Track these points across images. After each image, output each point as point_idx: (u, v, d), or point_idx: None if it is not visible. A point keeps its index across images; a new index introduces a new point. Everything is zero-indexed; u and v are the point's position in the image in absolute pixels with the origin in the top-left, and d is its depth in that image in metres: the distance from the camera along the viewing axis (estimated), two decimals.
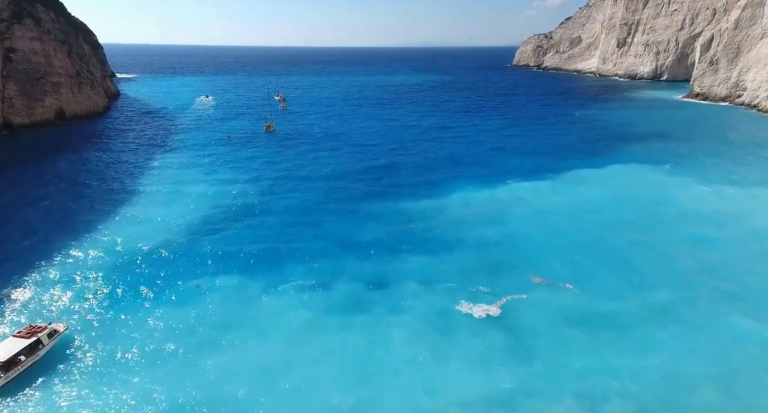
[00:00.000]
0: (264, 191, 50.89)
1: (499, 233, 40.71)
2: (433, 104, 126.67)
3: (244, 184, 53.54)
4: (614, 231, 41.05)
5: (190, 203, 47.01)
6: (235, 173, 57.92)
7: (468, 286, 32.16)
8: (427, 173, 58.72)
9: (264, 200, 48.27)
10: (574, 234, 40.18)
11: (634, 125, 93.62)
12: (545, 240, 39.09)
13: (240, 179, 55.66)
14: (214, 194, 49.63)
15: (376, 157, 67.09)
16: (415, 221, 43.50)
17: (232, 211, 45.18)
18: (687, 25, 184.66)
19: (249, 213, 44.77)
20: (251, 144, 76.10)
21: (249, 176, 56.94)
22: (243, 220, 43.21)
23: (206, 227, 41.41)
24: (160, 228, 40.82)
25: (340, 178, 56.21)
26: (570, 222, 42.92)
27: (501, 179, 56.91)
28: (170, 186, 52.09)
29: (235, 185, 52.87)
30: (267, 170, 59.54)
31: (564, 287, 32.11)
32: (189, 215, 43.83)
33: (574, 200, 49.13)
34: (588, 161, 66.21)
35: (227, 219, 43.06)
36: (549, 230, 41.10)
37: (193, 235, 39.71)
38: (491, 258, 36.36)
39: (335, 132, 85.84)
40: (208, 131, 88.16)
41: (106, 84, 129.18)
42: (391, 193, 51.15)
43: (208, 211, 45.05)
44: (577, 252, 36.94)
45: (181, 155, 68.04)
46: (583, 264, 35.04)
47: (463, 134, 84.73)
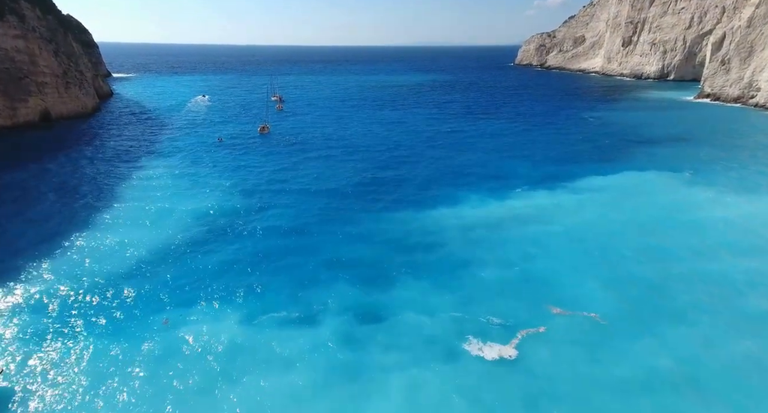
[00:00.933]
0: (251, 205, 46.58)
1: (509, 253, 36.47)
2: (436, 105, 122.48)
3: (231, 196, 49.28)
4: (640, 254, 36.54)
5: (167, 219, 42.68)
6: (221, 183, 53.69)
7: (477, 316, 27.97)
8: (429, 182, 54.48)
9: (250, 215, 43.98)
10: (595, 256, 35.89)
11: (645, 128, 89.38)
12: (562, 262, 34.85)
13: (226, 189, 51.39)
14: (195, 208, 45.34)
15: (375, 164, 62.78)
16: (416, 238, 39.28)
17: (213, 228, 40.90)
18: (695, 24, 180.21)
19: (232, 231, 40.49)
20: (243, 148, 71.99)
21: (237, 186, 52.68)
22: (224, 239, 38.88)
23: (183, 248, 37.12)
24: (129, 250, 36.41)
25: (335, 188, 51.88)
26: (589, 241, 38.58)
27: (509, 189, 52.70)
28: (147, 199, 47.72)
29: (219, 197, 48.59)
30: (257, 179, 55.34)
31: (588, 317, 27.96)
32: (164, 234, 39.51)
33: (590, 213, 44.87)
34: (601, 167, 61.98)
35: (206, 239, 38.73)
36: (566, 251, 36.85)
37: (166, 258, 35.39)
38: (502, 282, 32.16)
39: (333, 135, 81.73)
40: (200, 133, 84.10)
41: (98, 84, 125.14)
42: (389, 205, 46.94)
43: (186, 228, 40.78)
44: (600, 278, 32.68)
45: (165, 160, 63.88)
46: (607, 294, 30.79)
47: (466, 137, 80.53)
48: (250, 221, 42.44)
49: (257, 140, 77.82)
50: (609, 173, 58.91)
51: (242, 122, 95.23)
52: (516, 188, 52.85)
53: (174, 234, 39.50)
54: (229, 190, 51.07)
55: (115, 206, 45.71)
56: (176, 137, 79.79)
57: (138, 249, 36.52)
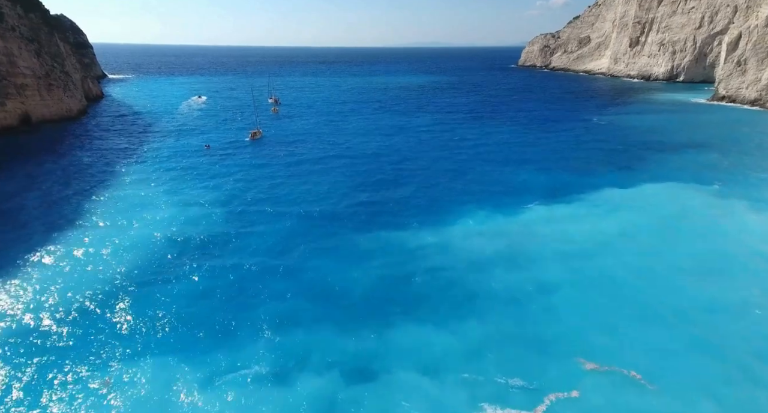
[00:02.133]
0: (232, 224, 41.38)
1: (525, 285, 31.27)
2: (439, 108, 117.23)
3: (211, 213, 44.11)
4: (679, 285, 31.35)
5: (135, 241, 37.56)
6: (202, 197, 48.59)
7: (493, 376, 22.78)
8: (432, 195, 49.26)
9: (230, 236, 38.82)
10: (626, 289, 30.71)
11: (660, 133, 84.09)
12: (589, 299, 29.61)
13: (207, 205, 46.25)
14: (168, 228, 40.21)
15: (373, 174, 57.45)
16: (417, 264, 34.12)
17: (185, 252, 35.81)
18: (706, 24, 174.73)
19: (206, 257, 35.33)
20: (232, 156, 66.92)
21: (219, 201, 47.51)
22: (196, 267, 33.73)
23: (146, 277, 32.03)
24: (81, 281, 31.33)
25: (328, 204, 46.63)
26: (616, 269, 33.37)
27: (519, 202, 47.51)
28: (115, 217, 42.62)
29: (198, 215, 43.43)
30: (243, 192, 50.19)
31: (628, 377, 22.79)
32: (128, 260, 34.43)
33: (613, 234, 39.60)
34: (618, 177, 56.79)
35: (176, 266, 33.64)
36: (590, 282, 31.60)
37: (124, 291, 30.33)
38: (519, 325, 27.00)
39: (329, 142, 76.51)
40: (188, 137, 79.13)
41: (88, 86, 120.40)
42: (387, 223, 41.73)
43: (154, 252, 35.71)
44: (635, 319, 27.45)
45: (145, 170, 58.84)
46: (648, 339, 25.58)
47: (471, 143, 75.24)
48: (228, 244, 37.33)
49: (248, 148, 72.74)
50: (629, 184, 53.68)
51: (234, 127, 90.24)
52: (528, 203, 47.66)
53: (139, 260, 34.46)
54: (210, 206, 45.96)
55: (78, 225, 40.55)
56: (162, 143, 74.77)
57: (92, 280, 31.43)
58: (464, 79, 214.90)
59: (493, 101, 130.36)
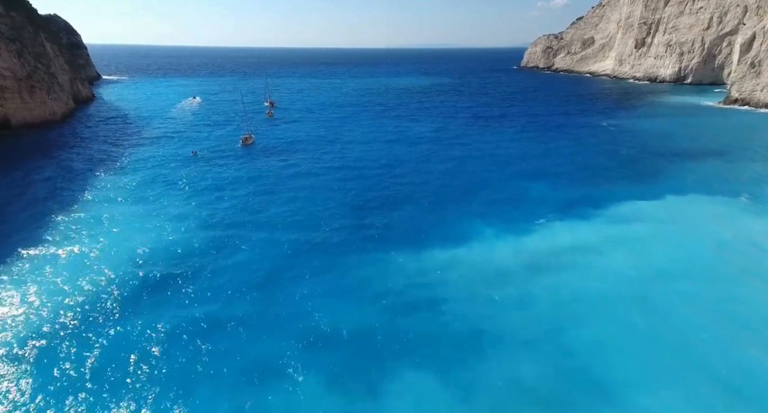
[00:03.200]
0: (210, 244, 37.04)
1: (541, 323, 26.90)
2: (442, 111, 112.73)
3: (188, 230, 39.81)
4: (731, 334, 26.83)
5: (96, 266, 33.16)
6: (182, 211, 44.27)
7: None
8: (434, 212, 44.85)
9: (205, 260, 34.48)
10: (664, 333, 26.19)
11: (674, 138, 79.68)
12: (619, 344, 25.23)
13: (186, 220, 41.93)
14: (139, 249, 35.91)
15: (369, 186, 52.91)
16: (415, 294, 29.76)
17: (150, 280, 31.51)
18: (714, 24, 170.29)
19: (175, 286, 30.96)
20: (219, 164, 62.58)
21: (199, 216, 43.15)
22: (161, 300, 29.28)
23: (100, 315, 27.66)
24: (19, 321, 27.10)
25: (319, 222, 42.19)
26: (648, 304, 28.96)
27: (530, 219, 43.11)
28: (81, 236, 38.20)
29: (174, 233, 39.12)
30: (226, 207, 45.73)
31: None
32: (82, 292, 30.00)
33: (639, 258, 35.19)
34: (636, 189, 52.39)
35: (137, 299, 29.29)
36: (617, 322, 27.17)
37: (63, 338, 26.04)
38: (537, 378, 22.62)
39: (324, 149, 72.11)
40: (175, 143, 74.86)
41: (77, 87, 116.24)
42: (383, 244, 37.37)
43: (117, 280, 31.42)
44: (676, 375, 23.01)
45: (125, 180, 54.57)
46: (702, 399, 21.17)
47: (476, 150, 70.73)
48: (202, 269, 32.98)
49: (237, 154, 68.41)
50: (647, 197, 49.26)
51: (226, 131, 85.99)
52: (538, 218, 43.26)
53: (98, 291, 30.15)
54: (189, 221, 41.63)
55: (26, 257, 35.92)
56: (146, 149, 70.48)
57: (27, 323, 27.10)
58: (467, 81, 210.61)
59: (498, 104, 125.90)
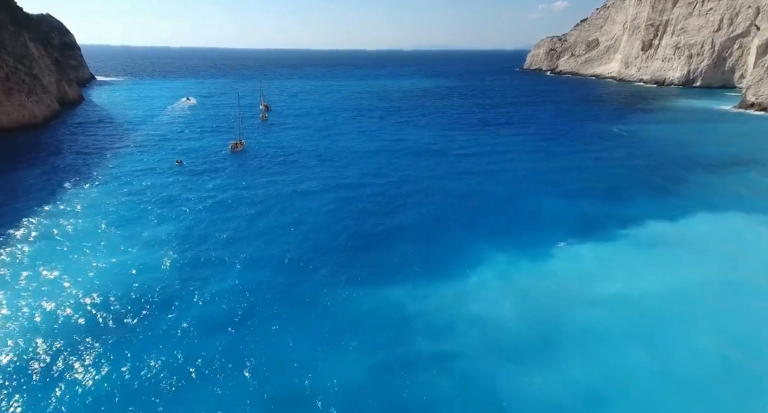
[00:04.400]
0: (182, 272, 32.17)
1: (575, 388, 22.01)
2: (445, 116, 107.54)
3: (161, 254, 34.87)
4: None
5: (50, 301, 28.33)
6: (157, 231, 39.31)
7: None
8: (437, 233, 39.80)
9: (174, 291, 29.61)
10: (727, 398, 21.33)
11: (692, 146, 74.79)
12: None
13: (160, 243, 36.95)
14: (100, 278, 31.06)
15: (366, 202, 47.45)
16: (414, 346, 24.80)
17: (95, 322, 26.52)
18: (725, 26, 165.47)
19: (139, 324, 26.09)
20: (204, 174, 57.65)
21: (175, 237, 38.05)
22: (115, 343, 24.57)
23: (41, 363, 22.92)
24: None
25: (307, 245, 37.30)
26: (696, 356, 24.04)
27: (547, 241, 38.19)
28: (40, 259, 33.35)
29: (143, 258, 34.15)
30: (206, 227, 40.60)
31: None
32: (29, 332, 25.32)
33: (672, 291, 30.25)
34: (660, 205, 47.52)
35: (88, 342, 24.43)
36: (664, 378, 22.32)
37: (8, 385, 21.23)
38: None
39: (319, 157, 66.91)
40: (161, 150, 70.04)
41: (63, 89, 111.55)
42: (379, 274, 32.38)
43: (68, 319, 26.60)
44: None
45: (99, 192, 49.71)
46: None
47: (484, 162, 65.29)
48: (166, 306, 28.07)
49: (226, 162, 63.49)
50: (675, 214, 44.30)
51: (216, 135, 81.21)
52: (555, 241, 38.33)
53: (47, 328, 25.33)
54: (163, 244, 36.72)
55: None
56: (128, 157, 65.67)
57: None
58: (469, 83, 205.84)
59: (503, 109, 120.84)
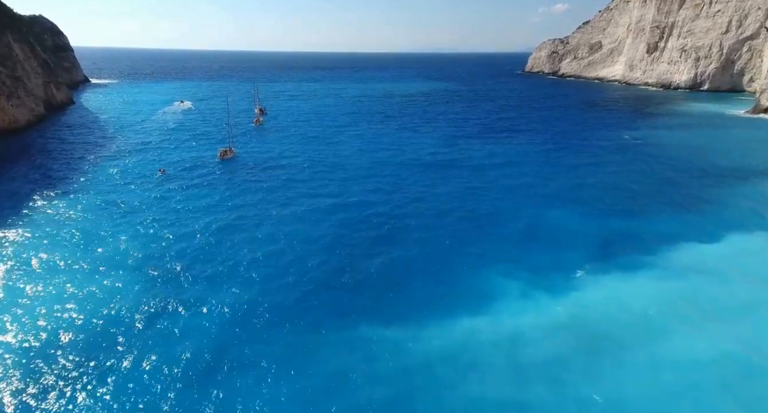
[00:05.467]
0: (143, 305, 27.79)
1: None
2: (448, 122, 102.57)
3: (129, 282, 30.55)
4: None
5: None
6: (126, 255, 34.81)
7: None
8: (440, 258, 35.17)
9: (129, 332, 25.15)
10: None
11: (712, 155, 70.36)
12: None
13: (127, 270, 32.55)
14: (55, 313, 26.77)
15: (361, 221, 42.11)
16: (418, 405, 20.43)
17: (34, 373, 22.25)
18: (734, 28, 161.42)
19: (68, 380, 21.74)
20: (188, 186, 53.21)
21: (147, 261, 33.70)
22: (60, 394, 20.23)
23: None
24: None
25: (288, 275, 32.29)
26: None
27: (563, 266, 33.77)
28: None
29: (108, 289, 29.86)
30: (178, 249, 36.02)
31: None
32: None
33: (712, 330, 25.82)
34: (686, 221, 43.13)
35: (35, 397, 20.14)
36: None
37: None
38: None
39: (314, 167, 61.98)
40: (145, 157, 65.73)
41: (51, 92, 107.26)
42: (374, 311, 27.91)
43: (14, 364, 22.24)
44: None
45: (71, 206, 45.30)
46: None
47: (491, 174, 60.10)
48: (125, 352, 23.62)
49: (212, 173, 59.05)
50: (705, 234, 39.82)
51: (206, 142, 76.92)
52: (573, 269, 33.82)
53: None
54: (128, 272, 32.28)
55: None
56: (109, 165, 61.32)
57: None
58: (471, 87, 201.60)
59: (507, 114, 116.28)
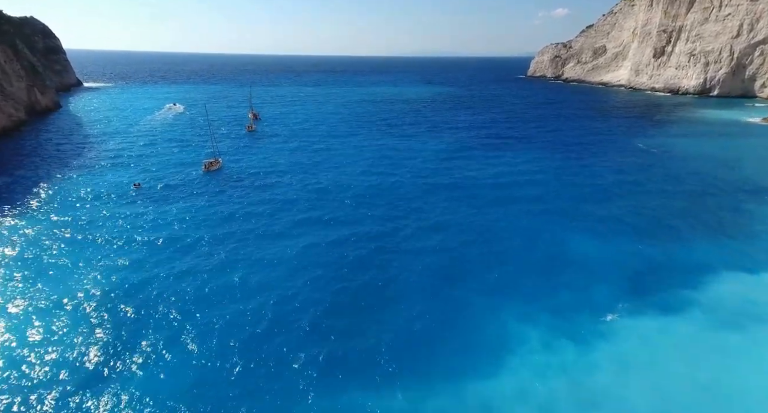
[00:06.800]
0: (96, 355, 22.73)
1: None
2: (453, 128, 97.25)
3: (69, 326, 25.47)
4: None
5: None
6: (72, 288, 29.73)
7: None
8: (450, 301, 30.01)
9: (81, 392, 20.06)
10: None
11: (736, 167, 65.07)
12: None
13: (76, 308, 27.50)
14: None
15: (359, 256, 36.27)
16: None
17: None
18: (745, 32, 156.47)
19: None
20: (165, 203, 48.02)
21: (97, 298, 28.69)
22: None
23: None
24: None
25: (266, 323, 27.47)
26: None
27: (590, 307, 28.57)
28: None
29: (47, 333, 24.69)
30: (140, 280, 31.06)
31: None
32: None
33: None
34: (728, 249, 37.83)
35: None
36: None
37: None
38: None
39: (306, 184, 55.75)
40: (123, 169, 60.63)
41: (34, 96, 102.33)
42: (368, 364, 22.77)
43: None
44: None
45: (27, 224, 40.14)
46: None
47: (498, 189, 54.62)
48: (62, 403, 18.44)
49: (192, 189, 53.73)
50: (753, 265, 34.57)
51: (193, 150, 71.85)
52: (604, 309, 28.61)
53: None
54: (81, 312, 27.08)
55: None
56: (82, 178, 56.18)
57: None
58: (474, 91, 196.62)
59: (514, 121, 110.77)
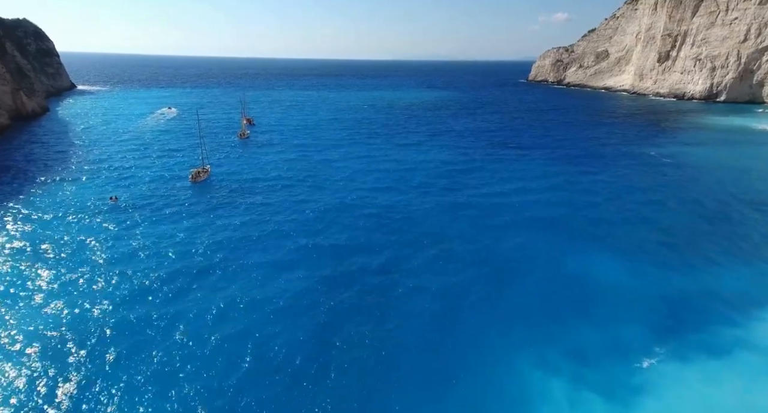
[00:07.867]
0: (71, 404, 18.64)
1: None
2: (455, 135, 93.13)
3: (32, 365, 21.43)
4: None
5: None
6: (29, 332, 25.66)
7: None
8: (455, 344, 25.87)
9: None
10: None
11: (756, 179, 61.35)
12: None
13: (28, 346, 23.47)
14: None
15: (353, 286, 32.12)
16: None
17: None
18: (752, 37, 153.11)
19: None
20: (142, 220, 43.93)
21: (58, 337, 24.68)
22: None
23: None
24: None
25: (236, 378, 23.51)
26: None
27: (619, 350, 24.70)
28: None
29: None
30: (103, 326, 27.05)
31: None
32: None
33: None
34: (759, 275, 33.79)
35: None
36: None
37: None
38: None
39: (299, 200, 50.74)
40: (103, 178, 56.68)
41: (20, 101, 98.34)
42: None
43: None
44: None
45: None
46: None
47: (505, 205, 50.28)
48: None
49: (175, 202, 49.63)
50: None
51: (181, 158, 67.90)
52: (638, 353, 24.71)
53: None
54: (35, 350, 23.01)
55: None
56: (57, 190, 52.15)
57: None
58: (477, 96, 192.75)
59: (519, 128, 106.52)
